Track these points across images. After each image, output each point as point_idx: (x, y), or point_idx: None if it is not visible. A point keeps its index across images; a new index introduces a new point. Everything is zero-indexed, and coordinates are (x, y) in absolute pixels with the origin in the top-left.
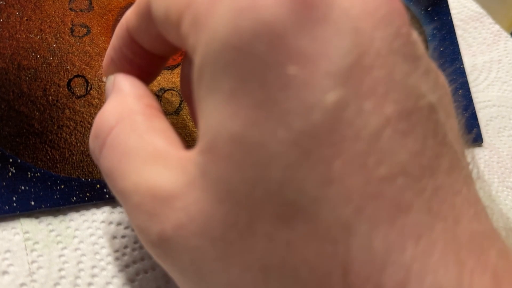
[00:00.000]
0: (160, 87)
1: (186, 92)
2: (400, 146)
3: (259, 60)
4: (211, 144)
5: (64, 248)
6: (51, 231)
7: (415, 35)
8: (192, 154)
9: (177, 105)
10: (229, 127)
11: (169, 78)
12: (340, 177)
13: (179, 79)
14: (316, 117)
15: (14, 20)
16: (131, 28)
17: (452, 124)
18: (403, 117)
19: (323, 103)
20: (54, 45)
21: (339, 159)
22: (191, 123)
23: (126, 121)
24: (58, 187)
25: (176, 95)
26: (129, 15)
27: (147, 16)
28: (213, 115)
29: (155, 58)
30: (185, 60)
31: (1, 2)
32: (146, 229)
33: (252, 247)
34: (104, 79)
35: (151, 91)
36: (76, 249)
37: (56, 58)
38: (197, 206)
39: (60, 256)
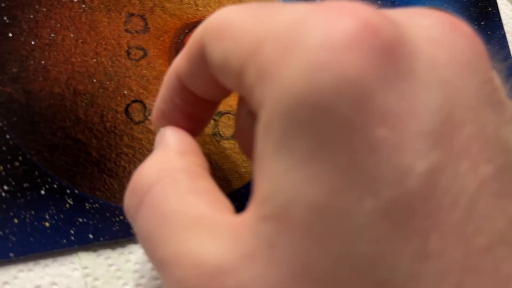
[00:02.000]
0: (217, 111)
1: (242, 140)
2: (497, 210)
3: (342, 120)
4: (282, 211)
5: (125, 284)
6: (110, 265)
7: (497, 78)
8: (248, 220)
9: (234, 129)
10: (307, 193)
11: (225, 102)
12: (438, 251)
13: (235, 102)
14: (410, 184)
15: (69, 43)
16: (182, 74)
17: None
18: (497, 176)
19: (417, 169)
20: (110, 69)
21: (437, 231)
22: None
23: (167, 179)
24: (117, 218)
25: (233, 118)
26: (179, 61)
27: (201, 59)
28: (284, 178)
29: (207, 104)
30: (242, 107)
31: (57, 24)
32: None
33: None
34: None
35: None
36: (138, 285)
37: (113, 83)
38: (260, 283)
39: None
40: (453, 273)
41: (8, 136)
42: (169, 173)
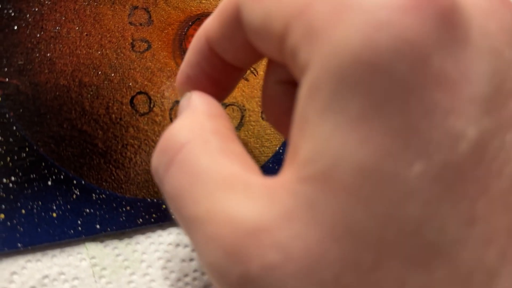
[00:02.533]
0: (221, 102)
1: (270, 107)
2: None
3: (399, 81)
4: (327, 172)
5: (133, 273)
6: (118, 255)
7: None
8: (285, 181)
9: (238, 121)
10: (355, 155)
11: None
12: (485, 216)
13: (239, 93)
14: (462, 149)
15: (74, 36)
16: (213, 38)
17: None
18: None
19: (469, 134)
20: (115, 61)
21: (484, 197)
22: (252, 139)
23: (199, 139)
24: (124, 209)
25: (237, 110)
26: (210, 24)
27: (234, 23)
28: (331, 139)
29: (234, 70)
30: (270, 76)
31: (62, 17)
32: (223, 268)
33: None
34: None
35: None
36: (145, 274)
37: (118, 75)
38: (298, 243)
39: (129, 282)
40: (498, 240)
41: (15, 128)
42: (200, 134)
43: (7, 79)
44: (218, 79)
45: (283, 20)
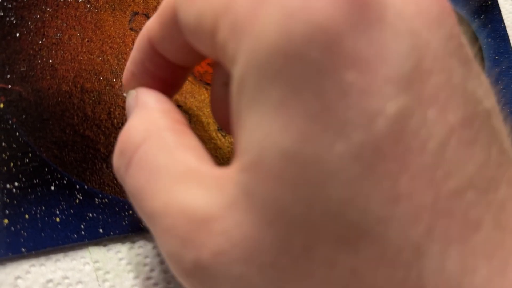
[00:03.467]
0: None
1: (219, 110)
2: (466, 156)
3: (313, 66)
4: (256, 161)
5: (136, 277)
6: (121, 259)
7: (464, 37)
8: (231, 172)
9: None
10: (278, 141)
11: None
12: (408, 194)
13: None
14: (379, 128)
15: (76, 42)
16: (154, 39)
17: (505, 131)
18: (467, 124)
19: (386, 112)
20: (117, 67)
21: (406, 174)
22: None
23: (154, 137)
24: (126, 213)
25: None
26: (151, 25)
27: (172, 24)
28: (258, 129)
29: (178, 69)
30: (216, 78)
31: (63, 24)
32: (179, 256)
33: (310, 275)
34: (124, 94)
35: None
36: (148, 277)
37: (119, 80)
38: (240, 230)
39: (133, 286)
40: (424, 217)
41: (18, 134)
42: (155, 132)
43: (9, 86)
44: (163, 78)
45: (212, 18)
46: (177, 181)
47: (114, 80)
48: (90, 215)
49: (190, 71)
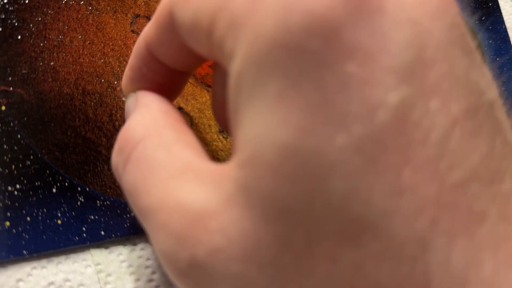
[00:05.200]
0: None
1: (220, 111)
2: (470, 148)
3: (313, 58)
4: (254, 155)
5: (138, 279)
6: (123, 261)
7: (465, 27)
8: (228, 168)
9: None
10: (276, 135)
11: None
12: (411, 186)
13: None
14: (381, 119)
15: (77, 44)
16: (151, 43)
17: (508, 123)
18: (470, 115)
19: (387, 103)
20: (118, 69)
21: (409, 166)
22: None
23: (153, 135)
24: (128, 215)
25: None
26: (148, 30)
27: (169, 26)
28: (256, 123)
29: (177, 74)
30: (217, 80)
31: (64, 26)
32: (173, 254)
33: (312, 271)
34: (123, 98)
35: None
36: (150, 280)
37: (121, 82)
38: (237, 226)
39: None
40: (428, 209)
41: (19, 136)
42: (154, 129)
43: (11, 88)
44: (161, 83)
45: (209, 16)
46: (174, 177)
47: (115, 82)
48: (92, 217)
49: (188, 76)
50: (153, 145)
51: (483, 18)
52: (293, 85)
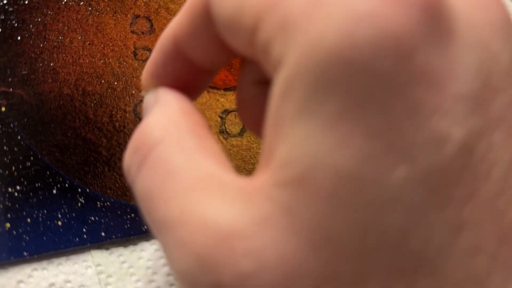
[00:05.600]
0: (223, 108)
1: (246, 110)
2: None
3: (381, 79)
4: (303, 177)
5: (138, 280)
6: (123, 262)
7: None
8: (262, 184)
9: (241, 127)
10: (332, 158)
11: (232, 100)
12: (472, 223)
13: None
14: (448, 152)
15: (77, 45)
16: (181, 37)
17: None
18: None
19: (456, 135)
20: (118, 70)
21: (471, 201)
22: (255, 145)
23: (174, 137)
24: (129, 216)
25: None
26: (178, 23)
27: (204, 17)
28: (308, 142)
29: (202, 73)
30: (245, 77)
31: (64, 27)
32: (193, 277)
33: None
34: (142, 93)
35: (215, 113)
36: (151, 281)
37: (121, 83)
38: (274, 251)
39: None
40: (487, 247)
41: (19, 137)
42: (175, 131)
43: (11, 89)
44: (185, 82)
45: (254, 13)
46: (197, 188)
47: (115, 83)
48: (92, 218)
49: (214, 75)
50: (172, 149)
51: None
52: (357, 106)
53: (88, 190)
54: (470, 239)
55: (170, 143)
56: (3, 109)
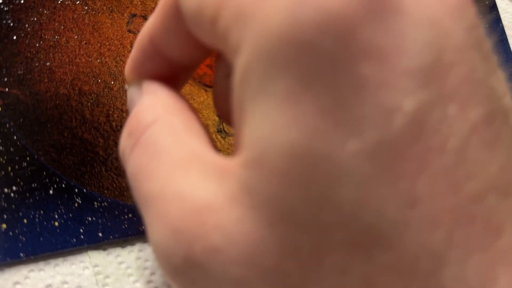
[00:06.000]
0: None
1: (221, 103)
2: (488, 157)
3: (326, 57)
4: (260, 157)
5: (136, 281)
6: (121, 263)
7: (482, 27)
8: (232, 165)
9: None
10: (285, 137)
11: None
12: (427, 196)
13: None
14: (397, 125)
15: (73, 44)
16: (155, 35)
17: None
18: (488, 123)
19: (404, 108)
20: (115, 69)
21: (424, 175)
22: None
23: (164, 120)
24: (126, 216)
25: None
26: (152, 22)
27: (175, 14)
28: (263, 123)
29: (180, 69)
30: (219, 70)
31: (60, 26)
32: (168, 248)
33: (318, 281)
34: (126, 86)
35: (213, 112)
36: (149, 281)
37: (118, 82)
38: (239, 227)
39: None
40: (444, 222)
41: (15, 137)
42: (164, 114)
43: (7, 89)
44: (164, 78)
45: (214, 4)
46: (178, 165)
47: (112, 82)
48: (89, 219)
49: (192, 71)
50: (162, 130)
51: (480, 17)
52: (304, 85)
53: (85, 191)
54: (426, 213)
55: (159, 126)
56: None
